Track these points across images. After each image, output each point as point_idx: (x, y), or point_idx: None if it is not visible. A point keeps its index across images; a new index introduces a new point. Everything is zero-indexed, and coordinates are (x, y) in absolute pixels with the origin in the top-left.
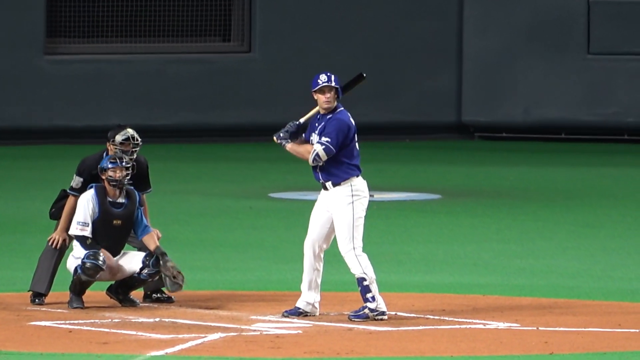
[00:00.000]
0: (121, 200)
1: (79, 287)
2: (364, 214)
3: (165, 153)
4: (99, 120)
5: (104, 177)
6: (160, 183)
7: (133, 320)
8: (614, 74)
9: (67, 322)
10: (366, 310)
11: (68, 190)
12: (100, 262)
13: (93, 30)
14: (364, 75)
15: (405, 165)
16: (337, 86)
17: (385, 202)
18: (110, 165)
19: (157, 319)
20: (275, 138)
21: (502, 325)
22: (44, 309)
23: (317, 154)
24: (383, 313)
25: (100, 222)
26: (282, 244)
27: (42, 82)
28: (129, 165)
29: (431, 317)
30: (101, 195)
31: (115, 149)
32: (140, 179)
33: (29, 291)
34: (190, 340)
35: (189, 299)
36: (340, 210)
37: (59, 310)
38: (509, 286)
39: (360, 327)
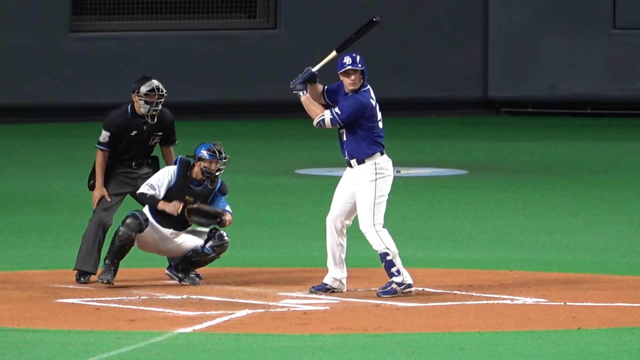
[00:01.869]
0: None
1: (113, 249)
2: (387, 192)
3: (192, 130)
4: (125, 97)
5: (198, 165)
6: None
7: (160, 298)
8: (639, 49)
9: (95, 299)
10: (393, 285)
11: (96, 145)
12: (145, 223)
13: (118, 8)
14: (375, 19)
15: (431, 140)
16: (362, 68)
17: (412, 177)
18: (207, 157)
19: (184, 296)
20: (291, 86)
21: (529, 300)
22: (71, 286)
23: (323, 120)
24: (410, 285)
25: (173, 194)
26: (309, 221)
27: (68, 59)
28: (226, 160)
29: (458, 292)
30: (183, 169)
31: (140, 99)
32: (165, 131)
33: (74, 269)
34: (217, 317)
35: (216, 276)
36: (363, 187)
37: (86, 288)
38: (535, 261)
39: (388, 303)
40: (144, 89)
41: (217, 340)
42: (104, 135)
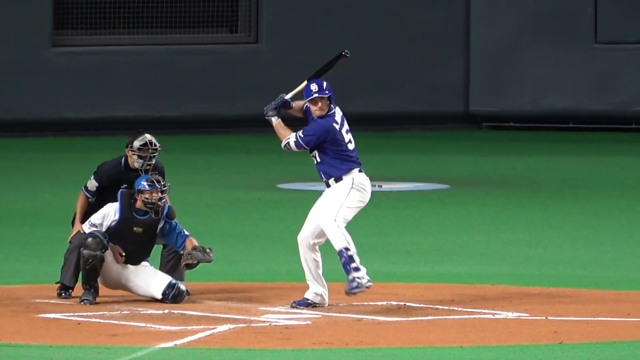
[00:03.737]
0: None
1: (85, 273)
2: (358, 206)
3: (173, 144)
4: (107, 112)
5: (139, 198)
6: (168, 174)
7: (142, 312)
8: (622, 63)
9: (76, 314)
10: (357, 280)
11: (82, 188)
12: (104, 239)
13: (100, 22)
14: (345, 53)
15: (413, 155)
16: (329, 95)
17: (393, 192)
18: (147, 188)
19: (166, 311)
20: (264, 111)
21: (511, 315)
22: (52, 301)
23: (289, 143)
24: (369, 280)
25: (120, 227)
26: (291, 235)
27: (50, 74)
28: (165, 189)
29: (440, 307)
30: (126, 201)
31: (133, 154)
32: None
33: (56, 283)
34: (199, 332)
35: (198, 291)
36: (336, 190)
37: (67, 303)
38: (517, 276)
39: (369, 317)
40: (137, 143)
41: (199, 355)
42: (92, 185)
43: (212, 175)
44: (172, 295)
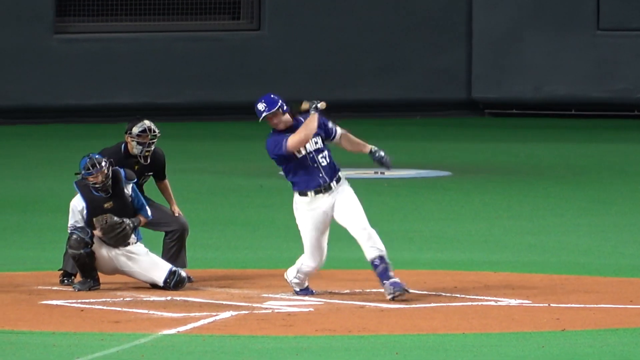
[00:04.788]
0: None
1: (79, 270)
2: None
3: (175, 131)
4: (108, 98)
5: (87, 184)
6: (170, 162)
7: (145, 299)
8: (623, 50)
9: (79, 301)
10: (395, 280)
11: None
12: (86, 236)
13: (102, 9)
14: (318, 104)
15: (415, 142)
16: (276, 108)
17: (396, 179)
18: (88, 174)
19: (168, 298)
20: (310, 105)
21: (513, 302)
22: (55, 288)
23: (286, 141)
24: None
25: (92, 212)
26: (293, 222)
27: (52, 61)
28: (106, 166)
29: (443, 294)
30: (83, 187)
31: (133, 140)
32: (158, 170)
33: (59, 270)
34: (202, 319)
35: (200, 278)
36: (350, 192)
37: (70, 290)
38: (520, 263)
39: (372, 304)
40: (136, 129)
41: (201, 342)
42: None
43: (214, 162)
44: (174, 283)
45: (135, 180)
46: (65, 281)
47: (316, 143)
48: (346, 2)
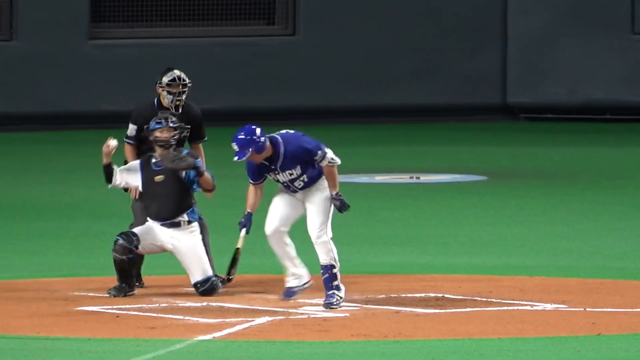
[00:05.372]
0: None
1: (116, 272)
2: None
3: (210, 136)
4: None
5: (151, 139)
6: (212, 166)
7: (180, 305)
8: None
9: (114, 307)
10: (337, 297)
11: (124, 139)
12: (130, 244)
13: (137, 15)
14: (229, 278)
15: (450, 147)
16: (252, 148)
17: (431, 184)
18: (156, 126)
19: (204, 304)
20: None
21: (549, 306)
22: (90, 294)
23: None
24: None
25: (144, 184)
26: (333, 228)
27: (87, 66)
28: (175, 126)
29: (478, 299)
30: (146, 162)
31: (163, 90)
32: (194, 127)
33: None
34: (237, 325)
35: (236, 284)
36: (320, 196)
37: (106, 296)
38: (555, 267)
39: (408, 309)
40: (165, 79)
41: (237, 348)
42: (131, 129)
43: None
44: (203, 290)
45: (199, 158)
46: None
47: (290, 174)
48: (380, 7)
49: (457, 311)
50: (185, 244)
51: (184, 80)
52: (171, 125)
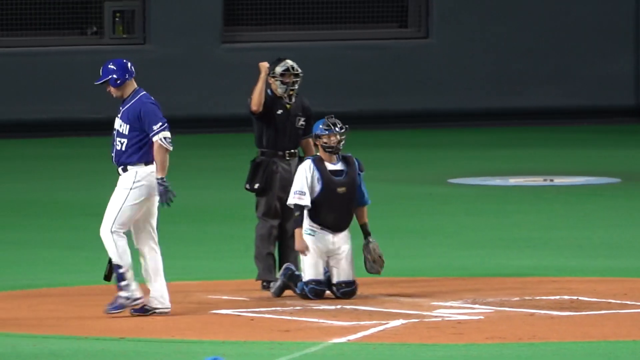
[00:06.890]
0: (340, 167)
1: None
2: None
3: (349, 140)
4: None
5: (318, 144)
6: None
7: (314, 308)
8: None
9: (249, 310)
10: (120, 301)
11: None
12: (324, 288)
13: (269, 18)
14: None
15: (583, 149)
16: (106, 77)
17: (564, 186)
18: (325, 132)
19: (338, 306)
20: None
21: None
22: (225, 297)
23: None
24: (138, 298)
25: (325, 193)
26: (463, 230)
27: (220, 70)
28: (343, 131)
29: (613, 301)
30: (320, 164)
31: (276, 80)
32: (308, 117)
33: (257, 280)
34: (372, 327)
35: (369, 286)
36: (117, 192)
37: (240, 299)
38: None
39: (542, 312)
40: (278, 69)
41: (371, 350)
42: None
43: (381, 170)
44: (344, 291)
45: (363, 171)
46: (265, 285)
47: (120, 126)
48: (512, 9)
49: (592, 314)
50: (344, 249)
51: (296, 70)
52: (339, 130)
